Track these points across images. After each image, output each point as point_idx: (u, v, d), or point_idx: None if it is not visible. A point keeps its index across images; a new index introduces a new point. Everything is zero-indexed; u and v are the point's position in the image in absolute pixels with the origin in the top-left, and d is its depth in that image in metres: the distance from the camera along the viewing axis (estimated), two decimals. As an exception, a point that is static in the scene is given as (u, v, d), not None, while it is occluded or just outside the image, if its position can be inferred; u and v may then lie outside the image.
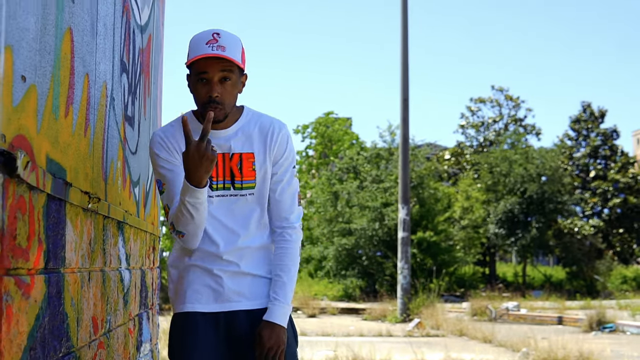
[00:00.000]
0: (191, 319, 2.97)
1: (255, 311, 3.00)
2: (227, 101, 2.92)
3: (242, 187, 3.00)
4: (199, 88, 2.90)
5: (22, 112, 1.91)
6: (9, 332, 1.79)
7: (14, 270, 1.84)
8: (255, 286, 3.03)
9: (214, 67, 2.86)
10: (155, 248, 5.19)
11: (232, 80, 2.92)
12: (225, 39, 2.89)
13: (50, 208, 2.18)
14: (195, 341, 2.94)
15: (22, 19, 1.89)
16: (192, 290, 2.98)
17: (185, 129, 2.70)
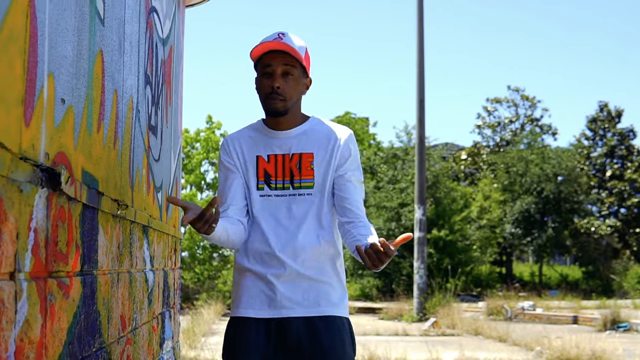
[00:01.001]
0: (244, 324, 3.02)
1: (309, 319, 3.01)
2: (288, 94, 3.01)
3: (301, 186, 3.05)
4: (262, 82, 3.01)
5: (62, 131, 2.13)
6: (52, 328, 2.01)
7: (56, 272, 2.06)
8: (310, 292, 3.01)
9: (277, 60, 2.96)
10: (176, 250, 5.41)
11: (295, 75, 3.01)
12: (289, 38, 3.00)
13: (85, 216, 2.40)
14: (246, 346, 2.99)
15: (61, 47, 2.11)
16: (247, 296, 3.03)
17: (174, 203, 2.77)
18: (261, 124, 3.13)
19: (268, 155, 3.08)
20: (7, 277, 1.66)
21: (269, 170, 3.07)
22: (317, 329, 2.97)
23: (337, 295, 3.07)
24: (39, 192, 1.87)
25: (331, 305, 3.03)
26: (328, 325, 2.99)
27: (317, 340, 2.96)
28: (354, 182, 3.07)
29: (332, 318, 3.01)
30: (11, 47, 1.67)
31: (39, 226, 1.87)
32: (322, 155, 3.06)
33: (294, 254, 2.98)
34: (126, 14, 3.19)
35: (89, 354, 2.49)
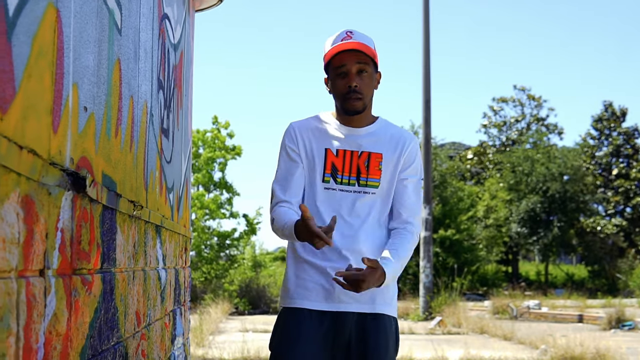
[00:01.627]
0: (298, 315, 3.04)
1: (365, 315, 3.05)
2: (365, 92, 3.05)
3: (367, 184, 3.08)
4: (337, 82, 3.04)
5: (85, 137, 2.27)
6: (77, 322, 2.15)
7: (79, 270, 2.19)
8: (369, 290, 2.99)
9: (351, 59, 3.00)
10: (187, 249, 5.55)
11: (369, 73, 3.05)
12: (359, 36, 3.04)
13: (104, 216, 2.53)
14: (299, 336, 3.00)
15: (84, 58, 2.25)
16: (303, 288, 3.05)
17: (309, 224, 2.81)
18: (331, 117, 3.17)
19: (337, 150, 3.10)
20: (38, 273, 1.79)
21: (336, 164, 3.09)
22: (366, 327, 3.04)
23: (389, 294, 3.12)
24: (65, 195, 2.01)
25: (384, 304, 3.09)
26: (377, 324, 3.05)
27: (365, 338, 3.02)
28: (410, 188, 3.14)
29: (381, 316, 3.07)
30: (41, 62, 1.80)
31: (65, 226, 2.01)
32: (390, 157, 3.11)
33: (355, 251, 3.03)
34: (141, 22, 3.33)
35: (108, 347, 2.63)
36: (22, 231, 1.65)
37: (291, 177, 3.11)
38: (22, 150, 1.62)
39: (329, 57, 3.03)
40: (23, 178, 1.64)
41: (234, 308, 20.67)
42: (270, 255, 27.28)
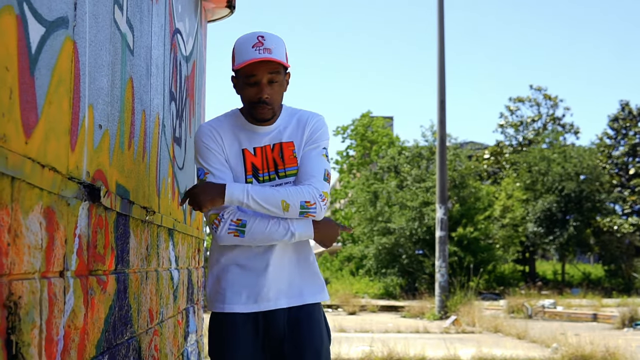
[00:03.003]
0: (231, 319, 3.01)
1: (294, 309, 3.05)
2: (275, 102, 3.02)
3: (286, 174, 3.06)
4: (247, 90, 2.99)
5: (100, 152, 2.52)
6: (93, 318, 2.41)
7: (95, 271, 2.45)
8: (295, 282, 3.05)
9: (262, 69, 2.95)
10: (199, 250, 5.81)
11: (279, 81, 3.01)
12: (270, 41, 2.98)
13: (118, 222, 2.79)
14: (235, 341, 2.99)
15: (98, 81, 2.50)
16: (231, 292, 3.01)
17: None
18: (240, 117, 3.11)
19: (254, 148, 3.08)
20: (58, 274, 2.04)
21: (256, 164, 3.06)
22: (298, 320, 3.06)
23: (318, 283, 3.15)
24: (82, 205, 2.26)
25: (312, 294, 3.11)
26: (308, 315, 3.08)
27: (297, 331, 3.05)
28: (310, 155, 3.07)
29: (309, 307, 3.09)
30: (60, 89, 2.06)
31: (82, 233, 2.26)
32: (300, 141, 3.09)
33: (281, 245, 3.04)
34: (152, 40, 3.58)
35: (122, 341, 2.88)
36: (44, 238, 1.90)
37: (228, 175, 3.03)
38: (44, 169, 1.87)
39: (239, 67, 2.97)
40: (45, 192, 1.90)
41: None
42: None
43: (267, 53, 2.93)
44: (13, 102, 1.69)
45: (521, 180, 35.63)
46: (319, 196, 2.99)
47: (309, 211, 2.98)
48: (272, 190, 2.95)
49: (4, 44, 1.63)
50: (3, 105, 1.63)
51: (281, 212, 2.95)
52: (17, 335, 1.71)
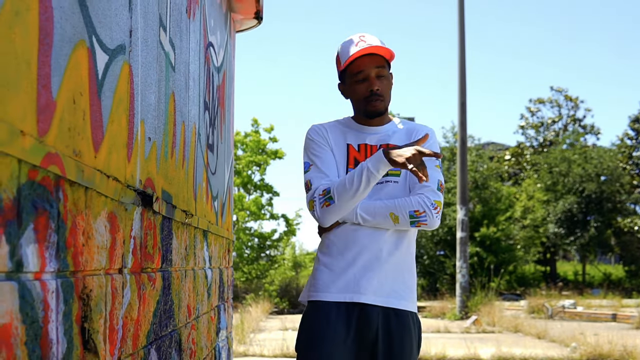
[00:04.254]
0: (325, 307, 3.05)
1: (388, 309, 3.06)
2: (386, 94, 3.11)
3: (388, 173, 3.06)
4: (357, 88, 3.09)
5: (149, 161, 2.80)
6: (144, 310, 2.68)
7: (146, 269, 2.73)
8: (394, 283, 3.07)
9: (369, 64, 3.05)
10: (230, 250, 6.09)
11: (386, 75, 3.10)
12: (372, 38, 3.08)
13: (164, 225, 3.07)
14: (324, 332, 3.01)
15: (148, 97, 2.78)
16: (322, 283, 3.08)
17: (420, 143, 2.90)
18: (350, 120, 3.23)
19: (358, 145, 3.15)
20: (118, 271, 2.32)
21: (359, 159, 3.11)
22: (390, 319, 3.06)
23: (411, 289, 3.16)
24: (137, 210, 2.54)
25: (408, 300, 3.12)
26: (401, 323, 3.07)
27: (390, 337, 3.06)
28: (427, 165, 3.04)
29: (404, 314, 3.09)
30: (120, 108, 2.33)
31: (136, 234, 2.54)
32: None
33: (380, 241, 3.07)
34: (190, 56, 3.86)
35: (166, 333, 3.15)
36: (108, 239, 2.18)
37: (326, 163, 3.12)
38: (109, 179, 2.15)
39: (347, 63, 3.08)
40: (109, 199, 2.18)
41: (274, 307, 21.19)
42: (310, 255, 27.61)
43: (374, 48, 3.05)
44: (85, 123, 1.97)
45: (542, 181, 35.72)
46: (431, 205, 3.01)
47: (419, 220, 3.02)
48: (380, 204, 3.03)
49: (78, 73, 1.91)
50: (78, 126, 1.90)
51: (392, 224, 3.03)
52: (89, 323, 1.98)
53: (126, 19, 2.42)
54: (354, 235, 3.08)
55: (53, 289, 1.69)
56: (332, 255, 3.12)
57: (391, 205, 3.02)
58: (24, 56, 1.53)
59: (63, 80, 1.78)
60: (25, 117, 1.53)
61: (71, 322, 1.84)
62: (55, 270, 1.71)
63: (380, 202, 3.04)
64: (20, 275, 1.50)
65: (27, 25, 1.55)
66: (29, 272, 1.55)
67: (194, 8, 4.01)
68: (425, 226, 3.03)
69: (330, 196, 3.00)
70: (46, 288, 1.65)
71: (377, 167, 2.92)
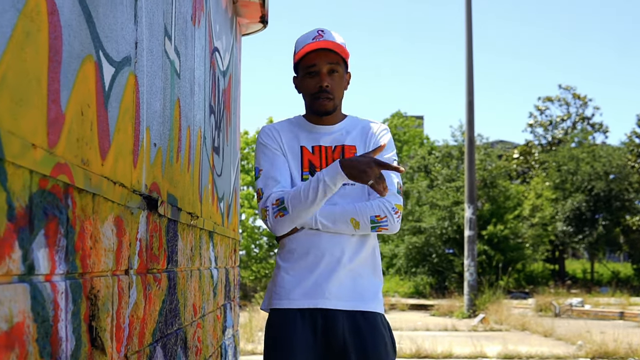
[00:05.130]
0: (289, 315, 2.99)
1: (354, 312, 2.99)
2: (336, 93, 3.03)
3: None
4: (307, 81, 3.03)
5: (155, 166, 2.92)
6: (150, 309, 2.80)
7: (151, 270, 2.85)
8: (357, 286, 3.02)
9: (322, 59, 2.98)
10: (236, 250, 6.22)
11: (339, 73, 3.03)
12: (330, 35, 3.02)
13: (169, 227, 3.18)
14: (291, 341, 2.96)
15: (153, 105, 2.90)
16: (284, 289, 3.02)
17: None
18: (302, 119, 3.14)
19: (312, 147, 3.07)
20: (124, 272, 2.44)
21: (313, 161, 3.05)
22: (356, 323, 2.99)
23: (375, 290, 3.10)
24: (142, 214, 2.66)
25: (373, 300, 3.06)
26: (370, 323, 3.01)
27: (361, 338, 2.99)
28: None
29: (371, 314, 3.03)
30: (126, 117, 2.45)
31: (142, 237, 2.66)
32: (362, 147, 3.07)
33: (341, 246, 3.01)
34: (195, 62, 3.98)
35: (172, 331, 3.27)
36: (115, 242, 2.30)
37: (281, 171, 3.04)
38: (115, 185, 2.27)
39: (300, 56, 3.02)
40: (115, 204, 2.30)
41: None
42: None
43: (329, 43, 2.99)
44: (93, 133, 2.09)
45: (550, 180, 35.73)
46: (392, 209, 2.97)
47: (380, 225, 2.98)
48: (340, 210, 2.97)
49: (86, 86, 2.03)
50: (86, 136, 2.02)
51: (352, 230, 2.98)
52: (97, 322, 2.10)
53: (132, 31, 2.53)
54: (314, 240, 3.00)
55: (62, 289, 1.81)
56: (292, 261, 3.04)
57: (351, 211, 2.96)
58: (35, 74, 1.65)
59: (71, 94, 1.90)
60: (36, 130, 1.65)
61: (79, 321, 1.95)
62: (64, 272, 1.83)
63: (340, 207, 2.98)
64: (32, 278, 1.62)
65: (38, 44, 1.67)
66: (40, 275, 1.67)
67: (199, 15, 4.12)
68: (386, 231, 3.01)
69: (284, 207, 2.94)
70: (56, 289, 1.76)
71: (334, 180, 2.87)
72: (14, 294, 1.51)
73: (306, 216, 2.94)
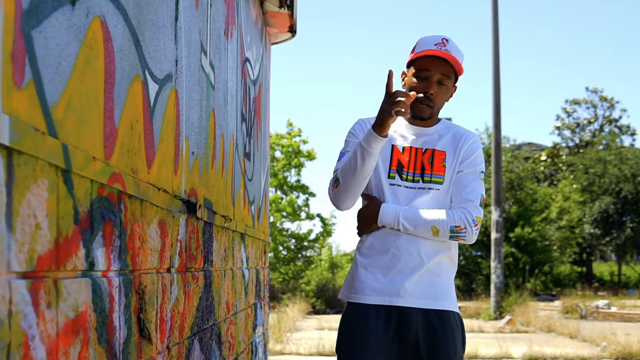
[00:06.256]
0: (364, 311, 3.08)
1: (428, 311, 3.07)
2: (438, 102, 3.08)
3: (431, 180, 3.08)
4: (417, 85, 3.05)
5: (193, 173, 3.16)
6: (189, 305, 3.04)
7: (190, 268, 3.08)
8: (433, 286, 3.09)
9: (436, 67, 3.02)
10: (266, 252, 6.46)
11: (447, 86, 3.08)
12: (453, 46, 3.05)
13: (205, 229, 3.42)
14: (364, 336, 3.05)
15: (191, 116, 3.14)
16: (362, 285, 3.11)
17: (389, 82, 2.87)
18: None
19: (403, 147, 3.12)
20: (166, 270, 2.68)
21: (402, 161, 3.10)
22: (432, 322, 3.06)
23: (449, 289, 3.17)
24: (182, 217, 2.90)
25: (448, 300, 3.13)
26: (443, 322, 3.08)
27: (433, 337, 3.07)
28: (467, 177, 3.10)
29: (445, 313, 3.10)
30: (168, 129, 2.69)
31: (182, 238, 2.90)
32: (452, 154, 3.11)
33: (417, 246, 3.08)
34: (228, 73, 4.21)
35: (207, 327, 3.51)
36: (159, 243, 2.54)
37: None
38: (159, 191, 2.51)
39: (418, 56, 3.07)
40: (159, 208, 2.53)
41: (310, 307, 21.50)
42: (347, 256, 27.75)
43: (446, 54, 3.02)
44: (140, 145, 2.33)
45: (578, 182, 35.68)
46: (472, 221, 3.04)
47: (459, 235, 3.04)
48: (423, 215, 3.04)
49: (135, 103, 2.27)
50: (135, 148, 2.26)
51: (431, 236, 3.05)
52: (144, 314, 2.34)
53: (172, 50, 2.77)
54: (393, 239, 3.09)
55: (116, 284, 2.05)
56: (371, 257, 3.12)
57: (434, 218, 3.03)
58: (94, 95, 1.89)
59: (123, 111, 2.14)
60: (94, 144, 1.89)
61: (130, 313, 2.19)
62: (118, 269, 2.07)
63: (424, 212, 3.05)
64: (92, 273, 1.86)
65: (96, 69, 1.91)
66: (99, 271, 1.91)
67: (231, 29, 4.36)
68: (464, 241, 3.08)
69: (337, 177, 3.05)
70: (111, 284, 2.00)
71: (368, 141, 2.93)
72: (78, 287, 1.75)
73: (356, 185, 3.02)
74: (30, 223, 1.47)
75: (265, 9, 6.12)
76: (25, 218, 1.44)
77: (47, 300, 1.56)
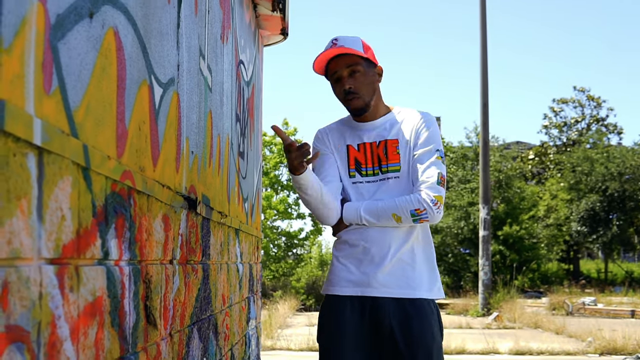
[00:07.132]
0: (340, 302, 3.22)
1: (402, 300, 3.16)
2: (362, 90, 3.16)
3: (388, 170, 3.18)
4: (335, 89, 3.21)
5: (192, 171, 3.34)
6: (189, 295, 3.23)
7: (190, 261, 3.27)
8: (405, 275, 3.18)
9: (340, 64, 3.14)
10: (258, 247, 6.65)
11: (361, 71, 3.15)
12: (343, 40, 3.16)
13: (203, 224, 3.61)
14: (341, 327, 3.19)
15: (190, 117, 3.32)
16: (337, 277, 3.26)
17: (280, 137, 3.07)
18: (349, 119, 3.33)
19: (358, 145, 3.25)
20: (169, 262, 2.86)
21: (359, 159, 3.23)
22: (404, 311, 3.16)
23: (428, 278, 3.24)
24: (183, 212, 3.09)
25: (423, 289, 3.21)
26: (418, 310, 3.17)
27: (408, 325, 3.16)
28: (421, 158, 3.15)
29: (418, 300, 3.19)
30: (171, 129, 2.88)
31: (182, 232, 3.09)
32: (405, 139, 3.19)
33: (385, 237, 3.20)
34: (224, 76, 4.39)
35: (205, 317, 3.69)
36: (163, 236, 2.72)
37: (325, 168, 3.28)
38: (164, 188, 2.69)
39: (317, 69, 3.21)
40: (163, 204, 2.72)
41: (301, 304, 21.64)
42: (336, 254, 27.75)
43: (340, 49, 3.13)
44: (147, 144, 2.51)
45: (565, 181, 35.92)
46: (431, 202, 3.08)
47: (421, 217, 3.11)
48: (382, 206, 3.14)
49: (142, 106, 2.45)
50: (142, 147, 2.45)
51: (395, 224, 3.15)
52: (150, 302, 2.52)
53: (175, 56, 2.96)
54: (363, 233, 3.21)
55: (127, 273, 2.23)
56: (345, 251, 3.26)
57: (392, 206, 3.12)
58: (108, 99, 2.07)
59: (132, 114, 2.32)
60: (109, 144, 2.07)
61: (138, 300, 2.38)
62: (128, 259, 2.25)
63: (382, 203, 3.15)
64: (106, 262, 2.04)
65: (110, 76, 2.09)
66: (112, 260, 2.10)
67: (227, 33, 4.55)
68: (428, 222, 3.15)
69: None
70: (123, 272, 2.19)
71: (295, 181, 3.16)
72: (96, 274, 1.93)
73: (317, 207, 3.20)
74: (57, 215, 1.65)
75: (258, 12, 6.31)
76: (53, 210, 1.63)
77: (70, 284, 1.74)
